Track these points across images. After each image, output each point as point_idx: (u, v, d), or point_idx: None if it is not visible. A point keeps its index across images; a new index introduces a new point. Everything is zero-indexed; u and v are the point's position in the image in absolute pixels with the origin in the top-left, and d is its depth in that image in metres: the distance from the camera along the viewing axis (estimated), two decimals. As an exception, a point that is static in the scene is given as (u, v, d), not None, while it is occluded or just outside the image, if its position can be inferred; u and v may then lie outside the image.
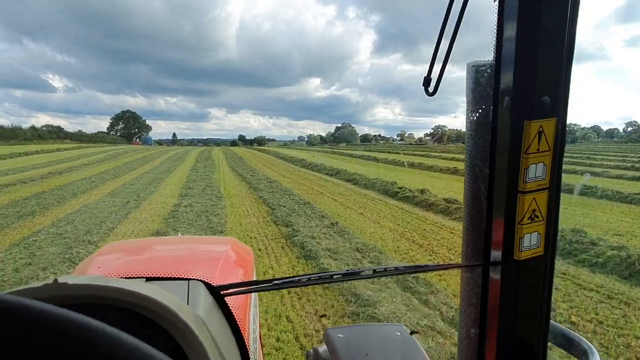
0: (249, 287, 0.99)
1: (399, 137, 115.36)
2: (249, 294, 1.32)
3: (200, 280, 0.94)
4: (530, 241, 0.88)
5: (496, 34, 0.86)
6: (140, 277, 0.96)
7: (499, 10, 0.85)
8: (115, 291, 0.68)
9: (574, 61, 0.83)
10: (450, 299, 5.17)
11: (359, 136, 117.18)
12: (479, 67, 0.93)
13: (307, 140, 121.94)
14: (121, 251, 1.60)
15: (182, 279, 0.95)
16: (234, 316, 0.92)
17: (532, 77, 0.80)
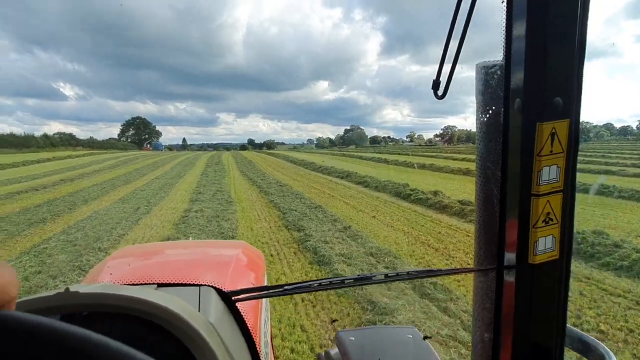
0: (260, 292, 0.99)
1: (409, 139, 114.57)
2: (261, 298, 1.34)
3: (211, 286, 0.94)
4: (545, 245, 0.86)
5: (505, 33, 0.84)
6: (151, 283, 0.96)
7: (507, 9, 0.83)
8: (125, 299, 0.68)
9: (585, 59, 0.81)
10: (470, 307, 4.96)
11: (368, 138, 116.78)
12: (488, 68, 0.91)
13: (316, 143, 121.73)
14: (133, 256, 1.62)
15: (194, 285, 0.95)
16: (245, 321, 0.93)
17: (543, 77, 0.79)
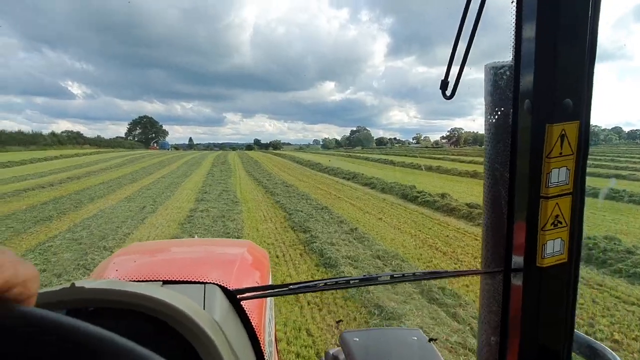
0: (265, 291, 0.99)
1: (415, 140, 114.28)
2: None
3: (216, 284, 0.94)
4: (553, 248, 0.85)
5: (514, 34, 0.83)
6: (157, 280, 0.96)
7: (517, 9, 0.82)
8: (131, 296, 0.68)
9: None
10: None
11: (375, 139, 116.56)
12: (497, 69, 0.90)
13: (322, 144, 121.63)
14: (138, 253, 1.61)
15: (199, 283, 0.95)
16: (249, 320, 0.92)
17: (553, 78, 0.77)
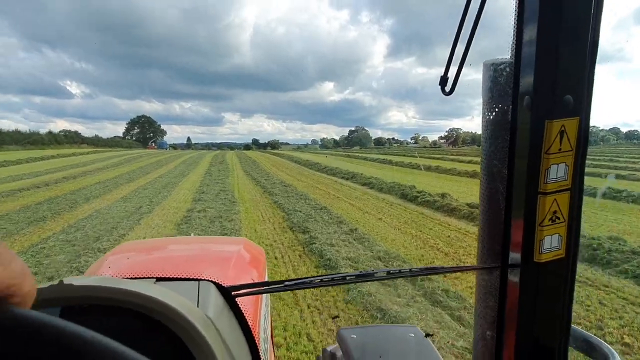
0: (260, 287, 0.98)
1: (413, 140, 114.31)
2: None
3: (210, 280, 0.92)
4: (551, 243, 0.84)
5: (515, 29, 0.82)
6: (150, 277, 0.94)
7: (518, 4, 0.81)
8: (121, 293, 0.67)
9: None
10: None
11: (373, 139, 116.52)
12: (497, 65, 0.88)
13: (320, 143, 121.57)
14: (133, 251, 1.59)
15: (193, 280, 0.93)
16: (244, 316, 0.92)
17: (554, 74, 0.76)
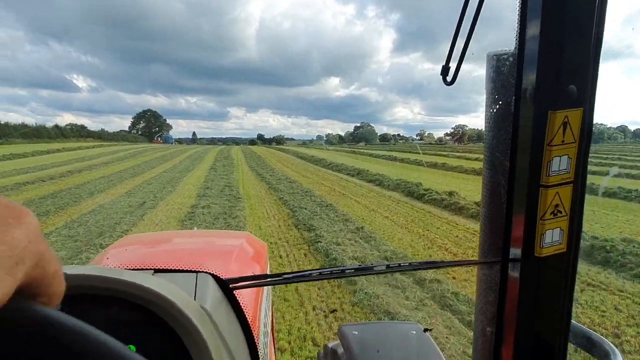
0: (259, 280, 0.98)
1: (419, 137, 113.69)
2: (261, 287, 1.33)
3: (208, 273, 0.91)
4: (552, 237, 0.81)
5: (519, 18, 0.78)
6: (148, 269, 0.92)
7: None
8: (115, 282, 0.67)
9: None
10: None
11: (378, 136, 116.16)
12: (500, 56, 0.86)
13: (325, 139, 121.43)
14: (135, 244, 1.59)
15: (191, 272, 0.92)
16: (242, 310, 0.91)
17: (558, 65, 0.73)
